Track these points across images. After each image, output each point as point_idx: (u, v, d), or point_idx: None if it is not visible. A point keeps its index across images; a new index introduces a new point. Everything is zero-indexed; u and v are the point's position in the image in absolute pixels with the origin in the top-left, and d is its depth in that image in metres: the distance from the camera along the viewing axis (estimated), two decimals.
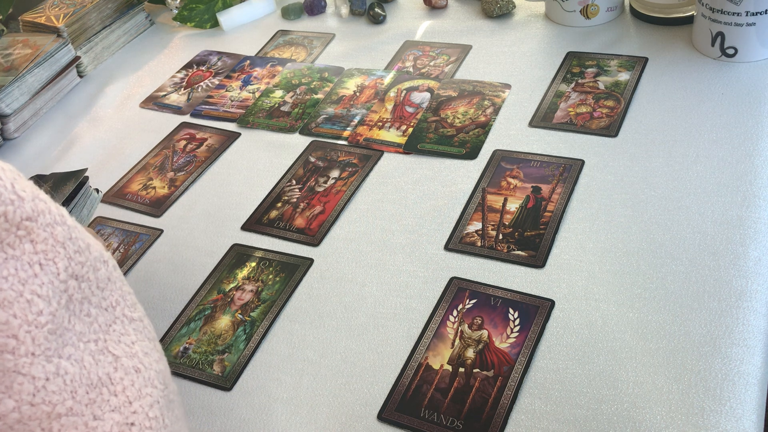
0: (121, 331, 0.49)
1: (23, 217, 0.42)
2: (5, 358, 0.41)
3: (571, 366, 0.61)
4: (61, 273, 0.44)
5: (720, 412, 0.56)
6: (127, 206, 0.90)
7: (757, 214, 0.70)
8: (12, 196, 0.42)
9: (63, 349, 0.44)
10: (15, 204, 0.42)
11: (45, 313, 0.43)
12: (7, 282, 0.42)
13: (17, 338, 0.42)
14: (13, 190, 0.42)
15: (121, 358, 0.47)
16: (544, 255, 0.71)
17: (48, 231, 0.44)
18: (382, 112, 0.94)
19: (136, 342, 0.49)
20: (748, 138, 0.78)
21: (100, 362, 0.46)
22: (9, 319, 0.41)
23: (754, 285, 0.64)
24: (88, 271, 0.47)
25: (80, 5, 1.17)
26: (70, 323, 0.45)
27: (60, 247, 0.45)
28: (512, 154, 0.83)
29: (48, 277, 0.43)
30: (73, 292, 0.45)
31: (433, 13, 1.13)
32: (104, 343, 0.47)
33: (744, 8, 0.84)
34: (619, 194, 0.75)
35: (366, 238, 0.78)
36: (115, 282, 0.50)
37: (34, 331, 0.42)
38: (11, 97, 1.05)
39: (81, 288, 0.46)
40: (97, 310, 0.48)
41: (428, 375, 0.63)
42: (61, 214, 0.45)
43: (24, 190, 0.43)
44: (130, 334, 0.49)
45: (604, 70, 0.92)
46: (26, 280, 0.43)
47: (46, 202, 0.45)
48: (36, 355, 0.42)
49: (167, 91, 1.10)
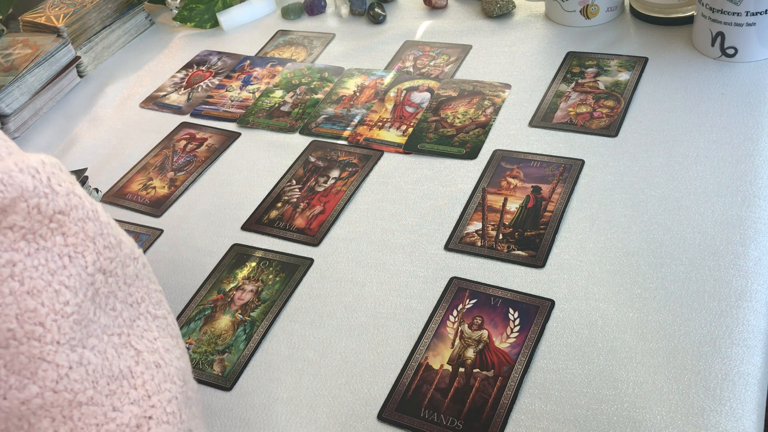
0: (144, 327, 0.50)
1: (56, 210, 0.44)
2: (32, 345, 0.42)
3: (571, 366, 0.61)
4: (89, 266, 0.46)
5: (720, 412, 0.56)
6: (127, 206, 0.90)
7: (757, 214, 0.70)
8: (46, 189, 0.44)
9: (87, 340, 0.45)
10: (49, 197, 0.44)
11: (71, 303, 0.44)
12: (37, 271, 0.43)
13: (44, 326, 0.43)
14: (48, 184, 0.44)
15: (142, 353, 0.48)
16: (544, 255, 0.71)
17: (79, 225, 0.45)
18: (382, 112, 0.94)
19: (158, 338, 0.50)
20: (748, 138, 0.78)
21: (122, 355, 0.47)
22: (37, 307, 0.42)
23: (754, 285, 0.64)
24: (116, 266, 0.48)
25: (80, 5, 1.17)
26: (95, 315, 0.46)
27: (90, 241, 0.46)
28: (512, 154, 0.83)
29: (76, 269, 0.45)
30: (99, 286, 0.47)
31: (433, 13, 1.13)
32: (127, 337, 0.48)
33: (744, 8, 0.84)
34: (619, 194, 0.75)
35: (366, 238, 0.78)
36: (143, 279, 0.51)
37: (60, 320, 0.43)
38: (11, 97, 1.05)
39: (108, 282, 0.47)
40: (122, 305, 0.49)
41: (428, 375, 0.63)
42: (95, 210, 0.47)
43: (60, 184, 0.45)
44: (153, 330, 0.50)
45: (604, 70, 0.92)
46: (55, 270, 0.44)
47: (81, 197, 0.46)
48: (61, 344, 0.43)
49: (167, 91, 1.10)
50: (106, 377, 0.46)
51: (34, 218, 0.43)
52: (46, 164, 0.44)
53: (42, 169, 0.44)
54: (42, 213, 0.43)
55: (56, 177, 0.45)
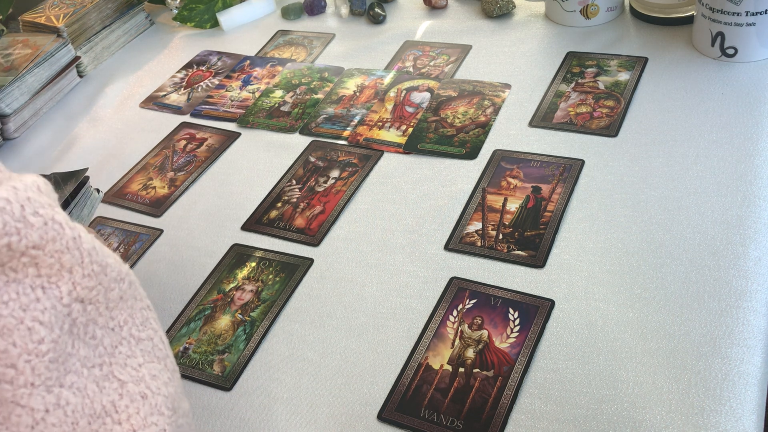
0: (127, 353, 0.47)
1: (29, 246, 0.40)
2: (3, 388, 0.39)
3: (571, 366, 0.61)
4: (65, 297, 0.42)
5: (720, 412, 0.56)
6: (127, 206, 0.90)
7: (757, 214, 0.70)
8: (18, 224, 0.39)
9: (65, 378, 0.42)
10: (21, 233, 0.39)
11: (46, 341, 0.41)
12: (8, 308, 0.40)
13: (16, 368, 0.40)
14: (21, 216, 0.39)
15: (127, 384, 0.45)
16: (544, 255, 0.71)
17: (55, 257, 0.41)
18: (382, 112, 0.94)
19: (143, 364, 0.47)
20: (748, 138, 0.78)
21: (104, 389, 0.44)
22: (8, 348, 0.39)
23: (754, 285, 0.64)
24: (97, 294, 0.45)
25: (80, 5, 1.17)
26: (73, 348, 0.43)
27: (66, 272, 0.42)
28: (512, 154, 0.83)
29: (51, 302, 0.41)
30: (77, 316, 0.43)
31: (433, 13, 1.13)
32: (109, 368, 0.45)
33: (744, 8, 0.84)
34: (619, 194, 0.75)
35: (366, 238, 0.78)
36: (127, 300, 0.48)
37: (34, 360, 0.40)
38: (11, 97, 1.05)
39: (87, 311, 0.44)
40: (102, 331, 0.45)
41: (428, 375, 0.63)
42: (76, 237, 0.43)
43: (37, 211, 0.40)
44: (137, 356, 0.47)
45: (604, 70, 0.92)
46: (27, 305, 0.40)
47: (62, 224, 0.42)
48: (36, 386, 0.40)
49: (167, 91, 1.10)
50: (87, 416, 0.42)
51: (4, 255, 0.39)
52: (18, 190, 0.39)
53: (15, 198, 0.39)
54: (13, 250, 0.39)
55: (32, 204, 0.40)
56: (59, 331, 0.42)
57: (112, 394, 0.44)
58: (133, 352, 0.47)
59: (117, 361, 0.46)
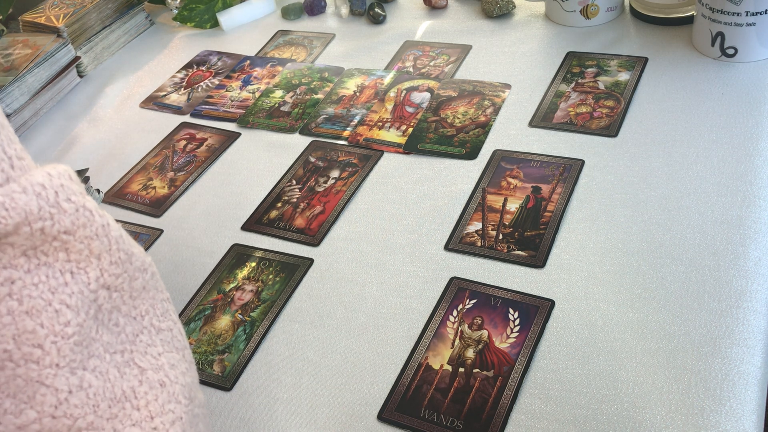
0: (148, 342, 0.48)
1: (61, 231, 0.41)
2: (29, 368, 0.40)
3: (571, 366, 0.61)
4: (92, 283, 0.43)
5: (720, 412, 0.56)
6: (127, 206, 0.90)
7: (757, 214, 0.70)
8: (52, 209, 0.41)
9: (88, 361, 0.43)
10: (54, 218, 0.41)
11: (72, 324, 0.42)
12: (37, 289, 0.41)
13: (43, 348, 0.41)
14: (55, 202, 0.41)
15: (146, 371, 0.46)
16: (544, 255, 0.71)
17: (85, 243, 0.43)
18: (382, 112, 0.94)
19: (162, 354, 0.48)
20: (748, 138, 0.78)
21: (125, 375, 0.45)
22: (36, 328, 0.40)
23: (754, 285, 0.64)
24: (122, 282, 0.46)
25: (80, 5, 1.17)
26: (97, 333, 0.44)
27: (94, 258, 0.43)
28: (512, 154, 0.83)
29: (78, 287, 0.42)
30: (102, 302, 0.44)
31: (433, 13, 1.13)
32: (130, 355, 0.46)
33: (744, 8, 0.84)
34: (619, 194, 0.75)
35: (366, 238, 0.78)
36: (149, 291, 0.49)
37: (60, 342, 0.41)
38: (11, 97, 1.05)
39: (112, 298, 0.45)
40: (125, 319, 0.47)
41: (428, 375, 0.63)
42: (105, 224, 0.44)
43: (69, 198, 0.41)
44: (157, 345, 0.48)
45: (604, 70, 0.92)
46: (56, 288, 0.41)
47: (92, 211, 0.43)
48: (60, 367, 0.41)
49: (167, 91, 1.10)
50: (107, 400, 0.44)
51: (37, 239, 0.41)
52: (53, 177, 0.41)
53: (49, 184, 0.41)
54: (46, 234, 0.41)
55: (65, 191, 0.42)
56: (85, 316, 0.43)
57: (132, 380, 0.45)
58: (153, 341, 0.48)
59: (138, 349, 0.47)
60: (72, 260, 0.42)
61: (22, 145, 0.43)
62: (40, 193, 0.40)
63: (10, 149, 0.41)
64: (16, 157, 0.41)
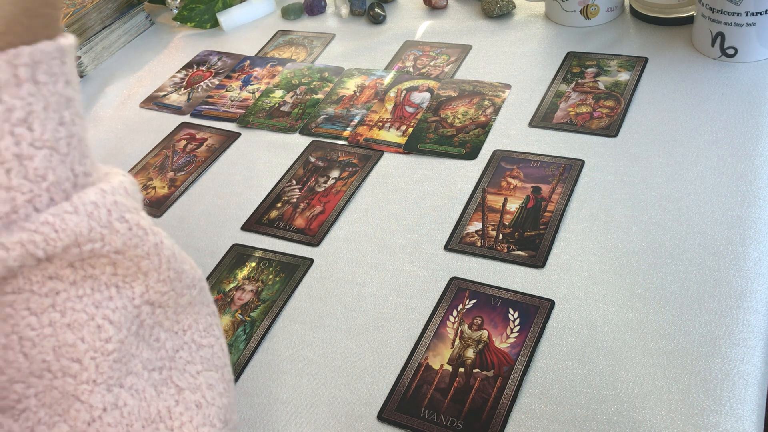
0: (187, 359, 0.46)
1: (111, 251, 0.40)
2: (66, 381, 0.40)
3: (571, 366, 0.61)
4: (137, 298, 0.42)
5: (720, 412, 0.56)
6: None
7: (757, 214, 0.70)
8: (104, 230, 0.39)
9: (126, 378, 0.42)
10: (106, 239, 0.39)
11: (113, 340, 0.41)
12: (81, 302, 0.40)
13: (81, 363, 0.40)
14: (107, 222, 0.39)
15: (183, 391, 0.45)
16: (544, 255, 0.71)
17: (134, 261, 0.41)
18: (382, 112, 0.94)
19: (201, 372, 0.47)
20: (748, 138, 0.78)
21: (161, 394, 0.44)
22: (76, 342, 0.39)
23: (754, 285, 0.64)
24: (168, 299, 0.45)
25: (80, 5, 1.17)
26: (137, 349, 0.43)
27: (141, 274, 0.42)
28: (512, 154, 0.83)
29: (122, 302, 0.41)
30: (145, 318, 0.43)
31: (433, 13, 1.13)
32: (168, 372, 0.45)
33: (744, 8, 0.84)
34: (619, 194, 0.75)
35: (366, 238, 0.78)
36: (195, 306, 0.47)
37: (99, 358, 0.40)
38: None
39: (155, 313, 0.44)
40: (166, 334, 0.45)
41: (428, 375, 0.63)
42: (157, 244, 0.43)
43: (122, 217, 0.40)
44: (196, 362, 0.47)
45: (604, 70, 0.92)
46: (100, 302, 0.40)
47: (146, 231, 0.41)
48: (97, 383, 0.40)
49: (167, 91, 1.10)
50: (141, 420, 0.42)
51: (85, 255, 0.39)
52: (106, 193, 0.39)
53: (102, 202, 0.39)
54: (96, 254, 0.39)
55: (118, 209, 0.40)
56: (126, 332, 0.42)
57: (168, 400, 0.44)
58: (192, 358, 0.47)
59: (176, 366, 0.46)
60: (119, 274, 0.41)
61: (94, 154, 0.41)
62: (92, 213, 0.38)
63: (79, 167, 0.39)
64: (84, 173, 0.39)
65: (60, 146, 0.38)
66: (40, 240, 0.37)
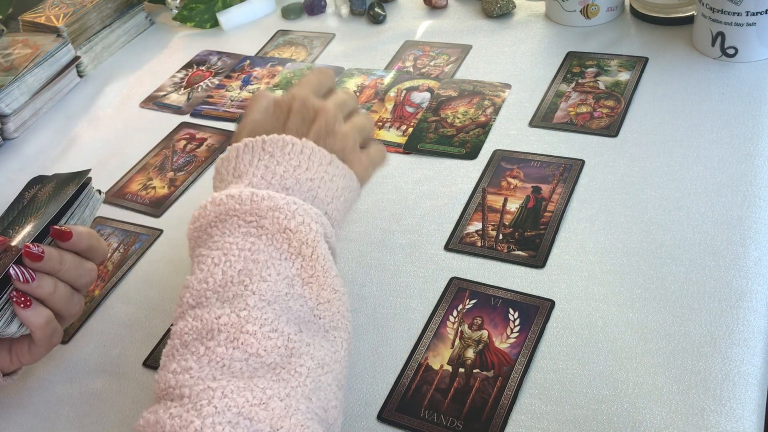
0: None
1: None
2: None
3: (571, 366, 0.61)
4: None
5: (720, 413, 0.56)
6: (127, 206, 0.90)
7: (757, 214, 0.70)
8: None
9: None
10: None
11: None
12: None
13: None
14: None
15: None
16: (545, 255, 0.71)
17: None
18: (382, 112, 0.94)
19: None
20: (748, 138, 0.78)
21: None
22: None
23: (755, 285, 0.64)
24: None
25: (80, 5, 1.17)
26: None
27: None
28: (512, 154, 0.83)
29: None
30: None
31: (433, 13, 1.13)
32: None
33: (744, 8, 0.84)
34: (619, 194, 0.75)
35: (366, 239, 0.78)
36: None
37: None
38: (11, 96, 1.05)
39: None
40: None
41: (428, 375, 0.63)
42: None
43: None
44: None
45: (605, 70, 0.92)
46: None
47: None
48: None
49: (167, 91, 1.10)
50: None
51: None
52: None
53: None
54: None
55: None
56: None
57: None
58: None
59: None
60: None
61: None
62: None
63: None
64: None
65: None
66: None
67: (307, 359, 0.51)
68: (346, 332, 0.56)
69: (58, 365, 0.72)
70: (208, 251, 0.56)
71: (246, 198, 0.56)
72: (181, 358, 0.50)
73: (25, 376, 0.71)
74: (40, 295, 0.61)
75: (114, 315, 0.76)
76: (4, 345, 0.64)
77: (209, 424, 0.45)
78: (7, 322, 0.61)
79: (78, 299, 0.66)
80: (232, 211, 0.57)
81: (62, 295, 0.63)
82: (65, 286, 0.63)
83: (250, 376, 0.49)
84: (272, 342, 0.51)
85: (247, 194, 0.56)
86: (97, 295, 0.78)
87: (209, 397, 0.47)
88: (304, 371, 0.51)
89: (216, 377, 0.48)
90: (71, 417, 0.67)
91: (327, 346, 0.54)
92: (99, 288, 0.79)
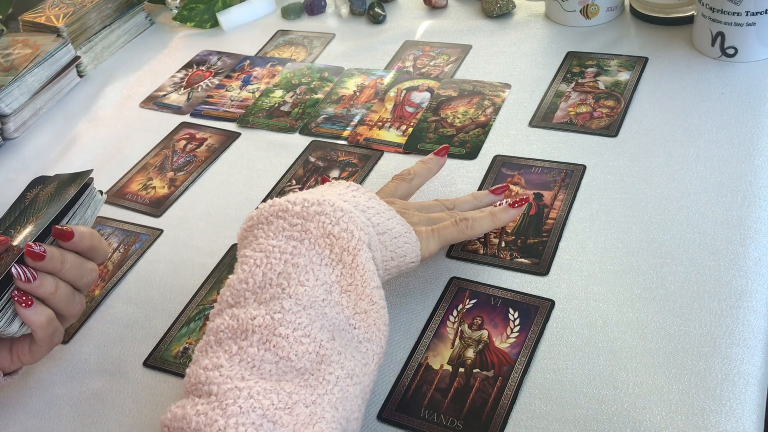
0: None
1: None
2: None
3: (571, 366, 0.61)
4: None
5: (720, 412, 0.56)
6: (127, 206, 0.90)
7: (757, 214, 0.70)
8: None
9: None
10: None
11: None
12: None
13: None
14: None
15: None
16: (548, 263, 0.71)
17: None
18: (382, 112, 0.94)
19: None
20: (748, 138, 0.78)
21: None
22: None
23: (754, 285, 0.64)
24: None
25: (80, 5, 1.17)
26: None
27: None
28: (513, 159, 0.83)
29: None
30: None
31: (433, 13, 1.13)
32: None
33: (744, 8, 0.84)
34: (620, 194, 0.75)
35: None
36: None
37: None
38: (11, 97, 1.05)
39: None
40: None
41: (428, 375, 0.63)
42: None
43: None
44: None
45: (604, 69, 0.92)
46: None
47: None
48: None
49: (167, 91, 1.10)
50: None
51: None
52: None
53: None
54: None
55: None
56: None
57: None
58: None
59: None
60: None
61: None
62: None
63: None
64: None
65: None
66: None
67: (336, 368, 0.52)
68: (379, 346, 0.57)
69: (58, 365, 0.72)
70: (252, 252, 0.57)
71: (298, 201, 0.58)
72: (213, 354, 0.51)
73: (25, 376, 0.71)
74: (41, 294, 0.61)
75: (114, 315, 0.76)
76: (5, 344, 0.64)
77: (233, 424, 0.46)
78: (8, 321, 0.61)
79: (79, 299, 0.66)
80: (281, 212, 0.58)
81: (63, 295, 0.63)
82: (66, 286, 0.63)
83: (279, 379, 0.49)
84: (304, 347, 0.51)
85: (300, 199, 0.58)
86: (97, 294, 0.79)
87: (235, 396, 0.47)
88: (333, 379, 0.51)
89: (245, 377, 0.49)
90: (71, 417, 0.67)
91: (358, 357, 0.54)
92: (99, 288, 0.79)
